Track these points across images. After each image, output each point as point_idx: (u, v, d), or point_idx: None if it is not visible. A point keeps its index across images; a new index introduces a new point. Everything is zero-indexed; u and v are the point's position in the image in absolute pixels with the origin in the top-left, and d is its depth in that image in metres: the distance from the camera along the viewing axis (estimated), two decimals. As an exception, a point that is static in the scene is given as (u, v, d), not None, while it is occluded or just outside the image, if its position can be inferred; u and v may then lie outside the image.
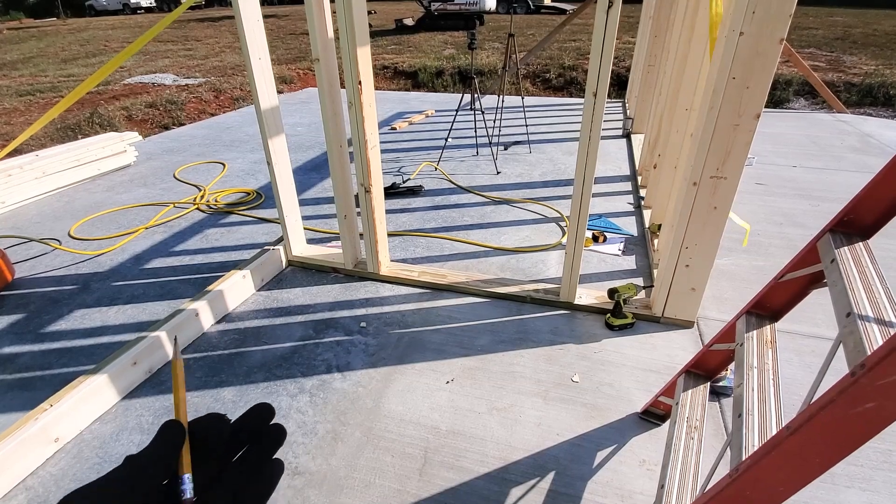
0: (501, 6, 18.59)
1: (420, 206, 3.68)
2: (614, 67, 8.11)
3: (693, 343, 2.21)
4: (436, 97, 7.75)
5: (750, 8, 1.61)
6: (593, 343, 2.22)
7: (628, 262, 2.88)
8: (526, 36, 11.89)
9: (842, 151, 4.75)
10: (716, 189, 1.94)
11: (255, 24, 2.28)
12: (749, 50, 1.67)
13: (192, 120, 6.81)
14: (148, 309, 2.56)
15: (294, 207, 2.79)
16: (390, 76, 9.85)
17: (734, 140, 1.84)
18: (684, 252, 2.11)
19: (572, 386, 1.97)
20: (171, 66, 10.67)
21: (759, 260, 2.88)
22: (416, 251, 3.06)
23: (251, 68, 2.31)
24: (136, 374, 2.05)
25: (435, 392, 1.96)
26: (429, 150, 4.94)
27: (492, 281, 2.61)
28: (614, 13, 1.72)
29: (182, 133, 5.86)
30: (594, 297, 2.44)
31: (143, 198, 3.91)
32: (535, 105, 6.73)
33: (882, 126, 5.58)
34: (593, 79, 1.86)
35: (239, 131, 5.79)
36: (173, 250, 3.11)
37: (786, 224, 3.32)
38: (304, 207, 3.62)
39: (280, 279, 2.76)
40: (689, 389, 1.55)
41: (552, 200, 3.72)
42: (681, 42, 2.82)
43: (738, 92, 1.74)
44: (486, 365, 2.10)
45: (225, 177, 4.33)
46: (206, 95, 7.77)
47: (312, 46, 2.22)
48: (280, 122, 2.55)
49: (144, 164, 4.69)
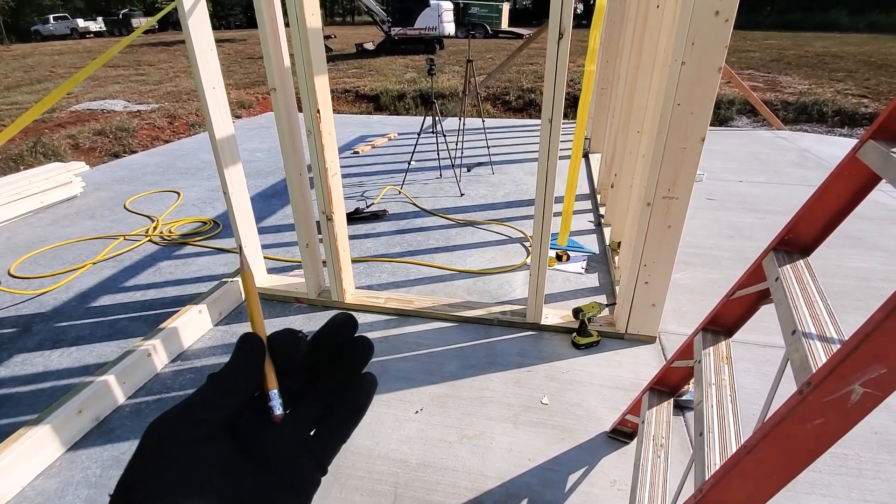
0: (460, 31, 19.09)
1: (384, 231, 3.66)
2: (570, 90, 8.42)
3: (656, 358, 2.26)
4: (398, 120, 7.81)
5: (689, 39, 1.70)
6: (561, 363, 2.23)
7: (591, 279, 2.93)
8: (485, 59, 12.20)
9: (783, 166, 5.05)
10: (668, 209, 2.02)
11: (208, 52, 2.24)
12: (691, 78, 1.76)
13: (145, 147, 6.58)
14: (95, 350, 2.41)
15: (253, 237, 2.72)
16: (352, 100, 9.86)
17: (682, 162, 1.92)
18: (643, 270, 2.17)
19: (542, 408, 1.97)
20: (122, 92, 10.34)
21: (713, 273, 3.00)
22: (381, 277, 3.02)
23: (205, 98, 2.26)
24: (83, 423, 1.91)
25: (404, 423, 1.91)
26: (392, 174, 4.94)
27: (458, 305, 2.60)
28: (565, 44, 1.79)
29: (133, 161, 5.66)
30: (560, 316, 2.47)
31: (91, 231, 3.73)
32: (496, 126, 6.88)
33: (818, 141, 5.99)
34: (548, 106, 1.92)
35: (195, 158, 5.64)
36: (123, 286, 2.96)
37: (736, 237, 3.48)
38: (264, 236, 3.53)
39: (240, 312, 2.66)
40: (654, 407, 1.57)
41: (516, 221, 3.77)
42: (629, 67, 2.95)
43: (683, 117, 1.83)
44: (456, 391, 2.07)
45: (180, 206, 4.19)
46: (160, 121, 7.55)
47: (269, 76, 2.19)
48: (236, 151, 2.50)
49: (92, 195, 4.48)
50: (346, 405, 0.35)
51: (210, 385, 0.31)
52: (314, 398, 0.35)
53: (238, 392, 0.31)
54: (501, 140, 6.13)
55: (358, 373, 0.36)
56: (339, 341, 0.36)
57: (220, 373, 0.31)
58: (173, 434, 0.28)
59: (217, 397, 0.30)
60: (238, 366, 0.32)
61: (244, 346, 0.32)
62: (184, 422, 0.29)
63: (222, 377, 0.31)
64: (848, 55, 12.48)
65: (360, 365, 0.36)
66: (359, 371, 0.36)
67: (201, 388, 0.31)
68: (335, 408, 0.35)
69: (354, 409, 0.35)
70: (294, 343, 0.34)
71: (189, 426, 0.29)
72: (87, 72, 2.25)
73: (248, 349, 0.32)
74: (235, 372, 0.31)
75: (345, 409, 0.35)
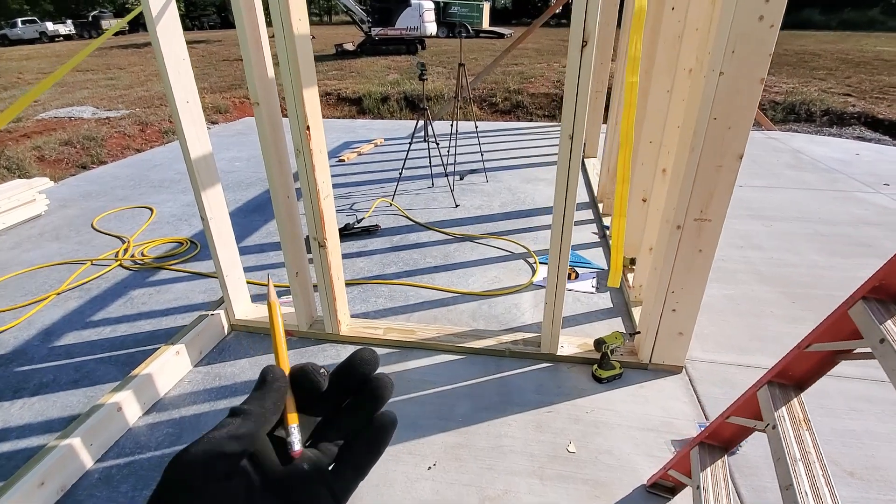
0: (441, 31, 18.86)
1: (377, 249, 3.42)
2: (558, 91, 8.28)
3: (684, 391, 2.08)
4: (383, 124, 7.55)
5: (730, 47, 1.52)
6: (583, 400, 2.04)
7: (604, 299, 2.75)
8: (469, 60, 12.00)
9: (779, 168, 4.97)
10: (700, 232, 1.84)
11: (180, 63, 1.98)
12: (729, 90, 1.58)
13: (115, 157, 6.20)
14: (60, 401, 2.13)
15: (235, 263, 2.46)
16: (333, 103, 9.55)
17: (717, 181, 1.74)
18: (670, 297, 1.99)
19: (569, 458, 1.77)
20: (91, 98, 9.83)
21: (728, 288, 2.85)
22: (377, 302, 2.79)
23: (178, 114, 2.00)
24: (46, 496, 1.65)
25: (416, 482, 1.69)
26: (381, 183, 4.70)
27: (465, 334, 2.39)
28: (589, 52, 1.59)
29: (102, 173, 5.29)
30: (577, 345, 2.27)
31: (56, 255, 3.40)
32: (486, 130, 6.68)
33: (808, 141, 5.95)
34: (568, 120, 1.72)
35: (169, 169, 5.30)
36: (91, 320, 2.66)
37: (745, 247, 3.34)
38: (246, 257, 3.26)
39: (222, 349, 2.40)
40: (708, 467, 1.38)
41: (516, 234, 3.57)
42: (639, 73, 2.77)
43: (719, 133, 1.65)
44: (471, 440, 1.86)
45: (153, 224, 3.88)
46: (131, 129, 7.14)
47: (251, 89, 1.94)
48: (214, 171, 2.24)
49: (57, 214, 4.13)
50: (365, 443, 0.35)
51: (232, 419, 0.31)
52: (333, 434, 0.36)
53: (260, 425, 0.31)
54: (492, 145, 5.93)
55: (377, 410, 0.36)
56: (360, 378, 0.36)
57: (243, 406, 0.32)
58: (197, 470, 0.28)
59: (239, 431, 0.30)
60: (261, 399, 0.32)
61: (268, 379, 0.33)
62: (206, 457, 0.28)
63: (245, 411, 0.31)
64: (826, 53, 12.66)
65: (379, 403, 0.36)
66: (378, 408, 0.36)
67: (223, 422, 0.31)
68: (353, 445, 0.35)
69: (372, 448, 0.35)
70: (315, 378, 0.34)
71: (212, 461, 0.29)
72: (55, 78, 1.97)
73: (271, 382, 0.33)
74: (258, 405, 0.32)
75: (363, 446, 0.35)
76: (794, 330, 2.46)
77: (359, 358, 0.36)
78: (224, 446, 0.29)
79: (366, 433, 0.35)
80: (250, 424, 0.31)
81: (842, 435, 1.86)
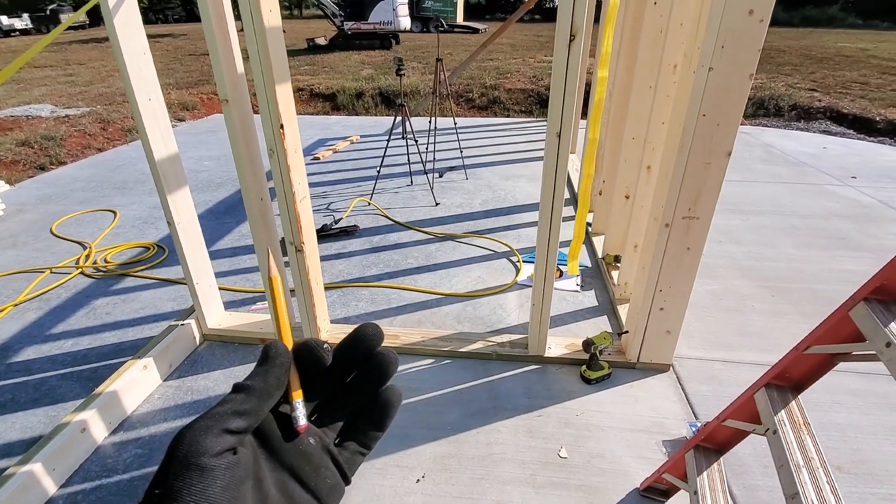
0: (415, 25, 18.66)
1: (357, 250, 3.32)
2: (535, 87, 8.26)
3: (673, 389, 2.07)
4: (359, 121, 7.40)
5: (719, 42, 1.49)
6: (573, 402, 2.00)
7: (589, 298, 2.73)
8: (444, 55, 11.88)
9: (752, 163, 5.06)
10: (689, 229, 1.81)
11: (140, 57, 1.84)
12: (718, 86, 1.55)
13: (75, 157, 5.87)
14: (19, 422, 1.97)
15: (206, 269, 2.33)
16: (306, 99, 9.30)
17: (706, 179, 1.72)
18: (658, 295, 1.96)
19: (561, 464, 1.73)
20: (49, 95, 9.33)
21: (710, 283, 2.86)
22: (358, 306, 2.70)
23: (139, 112, 1.86)
24: (-2, 530, 1.51)
25: (405, 497, 1.62)
26: (358, 182, 4.58)
27: (450, 337, 2.32)
28: (577, 47, 1.53)
29: (62, 175, 5.02)
30: (564, 346, 2.24)
31: (12, 263, 3.19)
32: (464, 126, 6.61)
33: (779, 136, 6.09)
34: (555, 118, 1.66)
35: (132, 169, 5.06)
36: (51, 333, 2.49)
37: (725, 242, 3.37)
38: (218, 262, 3.12)
39: (194, 361, 2.27)
40: (704, 471, 1.35)
41: (498, 232, 3.52)
42: (619, 69, 2.75)
43: (708, 130, 1.62)
44: (461, 449, 1.80)
45: (117, 228, 3.67)
46: (92, 127, 6.78)
47: (219, 86, 1.82)
48: (181, 173, 2.11)
49: (14, 219, 3.88)
50: (369, 419, 0.35)
51: (235, 394, 0.30)
52: (338, 410, 0.35)
53: (264, 401, 0.31)
54: (471, 141, 5.87)
55: (382, 385, 0.35)
56: (364, 353, 0.35)
57: (246, 381, 0.31)
58: (203, 445, 0.27)
59: (243, 407, 0.29)
60: (264, 374, 0.31)
61: (271, 355, 0.32)
62: (212, 432, 0.28)
63: (249, 387, 0.31)
64: (790, 49, 13.01)
65: (384, 378, 0.35)
66: (383, 384, 0.36)
67: (227, 398, 0.30)
68: (358, 421, 0.35)
69: (378, 424, 0.35)
70: (319, 353, 0.34)
71: (217, 436, 0.28)
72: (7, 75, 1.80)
73: (274, 358, 0.32)
74: (262, 380, 0.31)
75: (367, 423, 0.35)
76: (776, 324, 2.48)
77: (363, 333, 0.35)
78: (229, 422, 0.29)
79: (371, 409, 0.35)
80: (254, 400, 0.30)
81: (827, 429, 1.88)
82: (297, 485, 0.32)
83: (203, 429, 0.28)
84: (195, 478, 0.26)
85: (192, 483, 0.26)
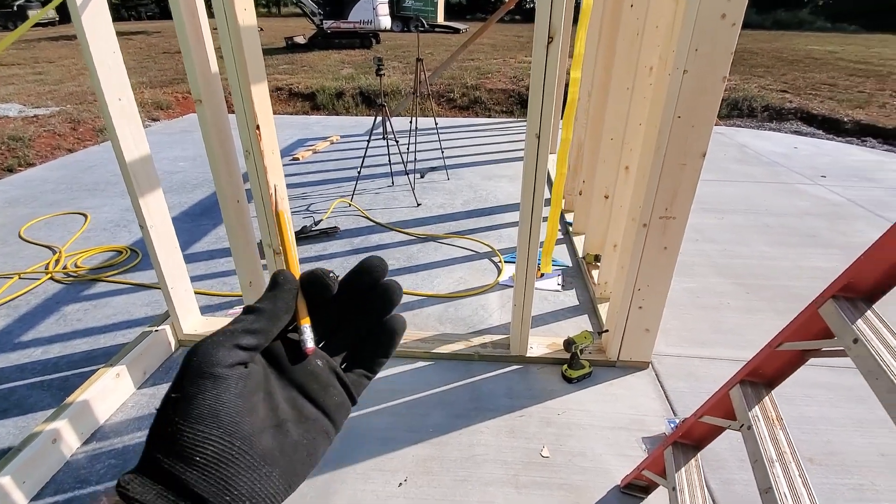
0: (395, 25, 18.58)
1: (337, 252, 3.29)
2: (515, 87, 8.31)
3: (652, 387, 2.10)
4: (339, 121, 7.34)
5: (693, 46, 1.51)
6: (554, 402, 2.01)
7: (570, 297, 2.75)
8: (425, 55, 11.86)
9: (726, 163, 5.17)
10: (665, 229, 1.84)
11: (109, 56, 1.79)
12: (693, 88, 1.58)
13: (44, 158, 5.69)
14: (-17, 434, 1.90)
15: (181, 273, 2.28)
16: (285, 98, 9.18)
17: (681, 179, 1.75)
18: (637, 294, 1.99)
19: (543, 463, 1.74)
20: (17, 94, 9.01)
21: (687, 281, 2.91)
22: (339, 308, 2.67)
23: (108, 113, 1.81)
24: (-39, 548, 1.45)
25: (387, 501, 1.61)
26: (339, 183, 4.54)
27: (433, 339, 2.32)
28: (555, 49, 1.54)
29: (31, 177, 4.85)
30: (546, 345, 2.25)
31: (-25, 268, 3.07)
32: (445, 126, 6.60)
33: (753, 136, 6.24)
34: (535, 119, 1.67)
35: (104, 170, 4.93)
36: (20, 341, 2.40)
37: (701, 240, 3.44)
38: (194, 265, 3.06)
39: (169, 368, 2.22)
40: (682, 468, 1.38)
41: (480, 233, 3.53)
42: (598, 70, 2.78)
43: (683, 131, 1.65)
44: (443, 451, 1.79)
45: (88, 231, 3.57)
46: (62, 128, 6.57)
47: (192, 86, 1.78)
48: (153, 175, 2.05)
49: (-23, 222, 3.73)
50: (374, 346, 0.37)
51: (246, 315, 0.32)
52: (344, 336, 0.37)
53: (273, 322, 0.32)
54: (452, 141, 5.87)
55: (387, 313, 0.37)
56: (369, 283, 0.36)
57: (256, 304, 0.32)
58: (215, 357, 0.29)
59: (254, 326, 0.31)
60: (273, 298, 0.33)
61: (279, 281, 0.33)
62: (224, 346, 0.29)
63: (259, 308, 0.32)
64: (762, 51, 13.36)
65: (389, 306, 0.36)
66: (388, 312, 0.37)
67: (238, 318, 0.31)
68: (365, 345, 0.37)
69: (383, 349, 0.37)
70: (325, 281, 0.35)
71: (229, 350, 0.29)
72: None
73: (283, 284, 0.33)
74: (271, 303, 0.32)
75: (374, 347, 0.37)
76: (750, 321, 2.54)
77: (369, 264, 0.36)
78: (240, 338, 0.30)
79: (377, 336, 0.37)
80: (264, 320, 0.31)
81: (798, 422, 1.93)
82: (306, 401, 0.33)
83: (215, 343, 0.29)
84: (209, 385, 0.28)
85: (206, 389, 0.28)
